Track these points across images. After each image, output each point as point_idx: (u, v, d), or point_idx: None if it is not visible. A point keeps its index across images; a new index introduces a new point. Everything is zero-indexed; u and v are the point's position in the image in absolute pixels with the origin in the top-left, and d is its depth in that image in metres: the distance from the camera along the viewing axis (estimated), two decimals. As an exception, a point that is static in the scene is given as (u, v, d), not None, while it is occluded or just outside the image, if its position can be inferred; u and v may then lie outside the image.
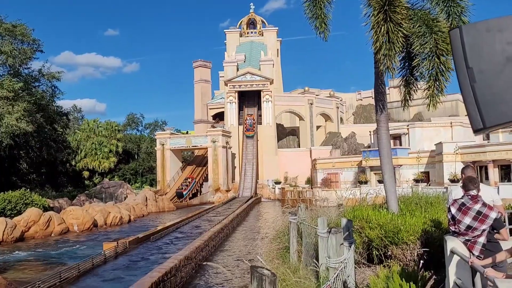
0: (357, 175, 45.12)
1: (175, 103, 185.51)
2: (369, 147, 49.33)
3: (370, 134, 50.14)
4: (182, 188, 52.91)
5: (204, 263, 6.54)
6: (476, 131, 1.41)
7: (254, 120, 50.95)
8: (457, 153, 34.59)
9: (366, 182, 40.55)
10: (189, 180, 54.47)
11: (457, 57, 1.46)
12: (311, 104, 62.47)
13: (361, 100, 78.79)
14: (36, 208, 26.46)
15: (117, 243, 17.01)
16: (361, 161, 44.89)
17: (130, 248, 17.37)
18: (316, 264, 7.10)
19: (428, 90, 9.95)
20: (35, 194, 30.85)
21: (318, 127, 64.93)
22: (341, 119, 69.71)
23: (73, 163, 62.68)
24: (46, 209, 28.44)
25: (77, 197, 40.82)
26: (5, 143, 32.86)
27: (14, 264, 16.49)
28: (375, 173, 41.92)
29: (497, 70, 1.31)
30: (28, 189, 31.28)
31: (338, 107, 67.65)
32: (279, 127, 64.08)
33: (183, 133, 63.92)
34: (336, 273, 4.55)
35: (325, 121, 67.40)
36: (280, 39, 75.19)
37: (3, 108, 30.94)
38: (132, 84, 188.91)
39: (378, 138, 11.26)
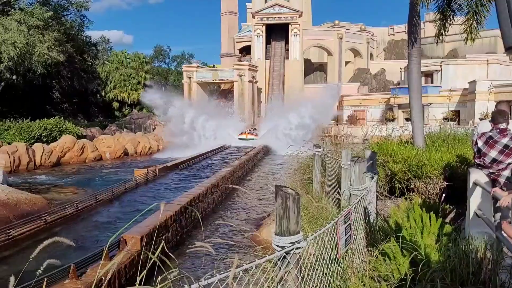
0: (385, 113, 44.55)
1: (202, 36, 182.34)
2: (398, 84, 48.13)
3: (400, 71, 48.66)
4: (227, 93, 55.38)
5: (231, 186, 6.85)
6: (508, 49, 1.44)
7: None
8: (491, 92, 33.42)
9: (393, 120, 40.11)
10: (222, 105, 55.64)
11: (496, -29, 1.44)
12: (341, 38, 60.42)
13: (394, 35, 75.46)
14: (70, 135, 27.57)
15: (147, 170, 17.76)
16: (389, 98, 44.07)
17: (159, 175, 18.14)
18: (338, 193, 7.34)
19: (467, 23, 9.52)
20: (69, 122, 32.01)
21: (346, 63, 63.22)
22: (371, 55, 67.45)
23: (103, 94, 63.80)
24: (79, 137, 29.61)
25: (108, 127, 42.10)
26: (38, 71, 33.63)
27: (53, 186, 17.59)
28: (403, 111, 41.28)
29: (536, -15, 1.31)
30: (62, 118, 32.41)
31: (368, 42, 65.23)
32: (307, 62, 62.70)
33: (209, 67, 63.52)
34: (358, 199, 4.73)
35: (354, 56, 65.42)
36: (311, -33, 71.25)
37: (34, 37, 31.30)
38: (158, 16, 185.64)
39: (408, 73, 11.02)
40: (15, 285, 2.16)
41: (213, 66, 65.31)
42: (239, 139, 34.96)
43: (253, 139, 34.81)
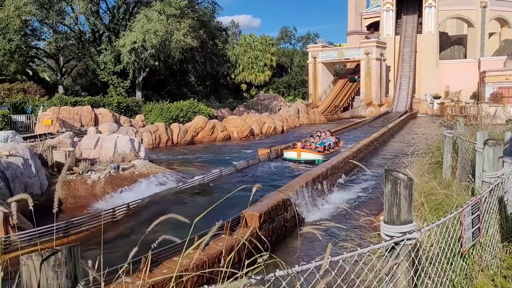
0: (538, 90, 38.76)
1: (328, 15, 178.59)
2: (558, 56, 41.27)
3: (561, 41, 41.61)
4: (354, 73, 54.72)
5: (351, 160, 6.63)
6: None
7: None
8: None
9: (548, 98, 34.67)
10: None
11: None
12: (484, 7, 53.73)
13: (555, -3, 64.48)
14: (202, 116, 29.73)
15: (270, 149, 18.26)
16: (544, 73, 38.14)
17: (282, 155, 18.49)
18: (471, 179, 6.63)
19: None
20: (202, 104, 34.53)
21: (490, 34, 56.15)
22: (523, 23, 58.82)
23: (233, 76, 67.11)
24: (210, 117, 31.75)
25: (236, 108, 44.31)
26: (176, 57, 36.73)
27: (188, 161, 19.22)
28: (562, 88, 35.41)
29: None
30: (196, 99, 35.10)
31: (520, 9, 56.91)
32: (442, 35, 57.30)
33: (335, 46, 62.18)
34: (490, 188, 4.18)
35: (501, 27, 57.72)
36: None
37: (172, 25, 34.15)
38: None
39: None
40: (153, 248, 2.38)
41: (339, 45, 63.69)
42: (283, 159, 17.78)
43: (313, 160, 16.94)
